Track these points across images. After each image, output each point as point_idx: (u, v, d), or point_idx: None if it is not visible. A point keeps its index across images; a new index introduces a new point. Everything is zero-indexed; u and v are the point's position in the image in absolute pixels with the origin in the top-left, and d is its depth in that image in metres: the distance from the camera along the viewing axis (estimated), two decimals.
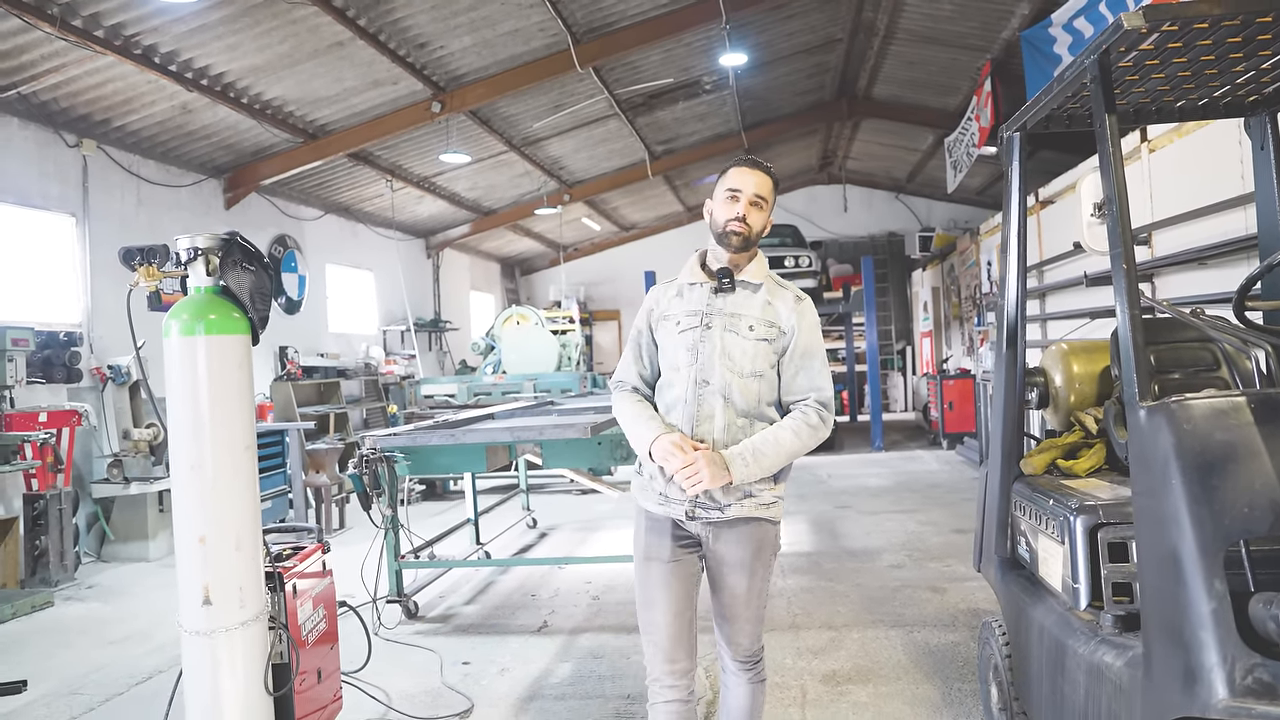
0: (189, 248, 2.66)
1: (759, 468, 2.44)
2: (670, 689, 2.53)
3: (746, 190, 2.55)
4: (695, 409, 2.50)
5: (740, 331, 2.53)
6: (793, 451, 2.49)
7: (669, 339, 2.60)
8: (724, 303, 2.57)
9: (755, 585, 2.58)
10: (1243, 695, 1.58)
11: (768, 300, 2.58)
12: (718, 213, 2.59)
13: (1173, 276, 6.36)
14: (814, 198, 19.36)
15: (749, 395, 2.51)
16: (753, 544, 2.55)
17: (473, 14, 8.12)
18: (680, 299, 2.63)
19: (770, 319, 2.55)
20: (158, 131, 8.51)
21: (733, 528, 2.53)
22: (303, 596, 3.11)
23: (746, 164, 2.60)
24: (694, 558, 2.60)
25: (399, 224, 13.96)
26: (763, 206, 2.58)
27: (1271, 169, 2.79)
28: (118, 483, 7.10)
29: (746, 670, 2.63)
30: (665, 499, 2.54)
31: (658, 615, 2.55)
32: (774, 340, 2.55)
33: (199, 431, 2.58)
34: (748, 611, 2.59)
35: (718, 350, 2.51)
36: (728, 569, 2.56)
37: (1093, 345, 3.32)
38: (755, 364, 2.52)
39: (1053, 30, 8.13)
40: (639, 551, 2.63)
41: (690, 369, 2.52)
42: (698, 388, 2.51)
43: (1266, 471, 1.71)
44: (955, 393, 11.98)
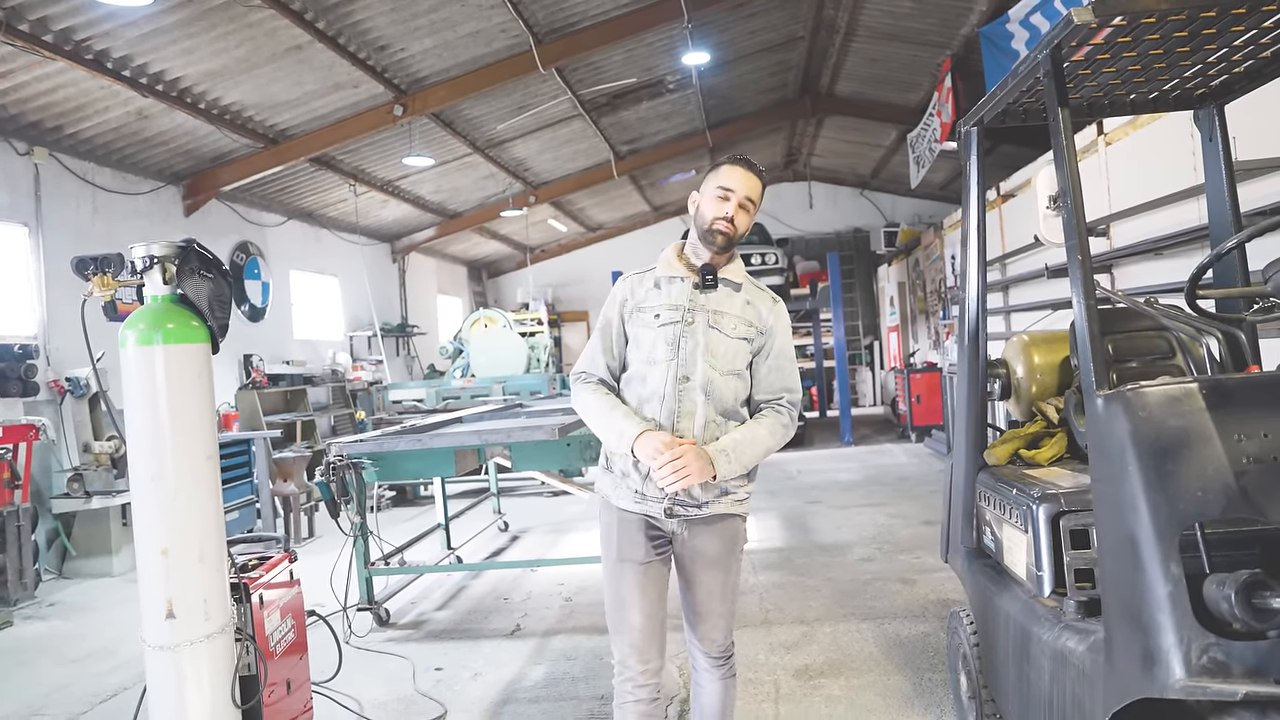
0: (144, 256, 2.62)
1: (739, 464, 2.45)
2: (641, 688, 2.53)
3: (738, 191, 2.53)
4: (675, 404, 2.48)
5: (724, 329, 2.53)
6: (768, 449, 2.52)
7: (645, 331, 2.56)
8: (707, 299, 2.56)
9: (730, 581, 2.61)
10: (1198, 674, 1.61)
11: (748, 300, 2.59)
12: (706, 208, 2.56)
13: (1131, 267, 6.47)
14: (779, 195, 19.45)
15: (727, 393, 2.52)
16: (726, 540, 2.57)
17: (433, 15, 8.07)
18: (658, 291, 2.60)
19: (750, 319, 2.57)
20: (113, 138, 8.35)
21: (708, 525, 2.55)
22: (270, 607, 3.06)
23: (741, 164, 2.58)
24: (668, 556, 2.60)
25: (363, 228, 13.83)
26: (750, 210, 2.57)
27: (1220, 160, 2.85)
28: (78, 497, 6.96)
29: (719, 667, 2.64)
30: (642, 497, 2.52)
31: (633, 616, 2.53)
32: (752, 340, 2.57)
33: (159, 442, 2.53)
34: (722, 607, 2.61)
35: (700, 346, 2.50)
36: (702, 566, 2.57)
37: (1053, 336, 3.36)
38: (734, 362, 2.54)
39: (1010, 26, 8.24)
40: (610, 551, 2.59)
41: (670, 363, 2.50)
42: (678, 383, 2.49)
43: (1218, 456, 1.75)
44: (922, 386, 12.10)
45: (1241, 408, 1.82)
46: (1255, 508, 1.70)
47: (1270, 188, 4.56)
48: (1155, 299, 2.53)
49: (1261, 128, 4.47)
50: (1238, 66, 2.56)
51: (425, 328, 16.19)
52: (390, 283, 15.47)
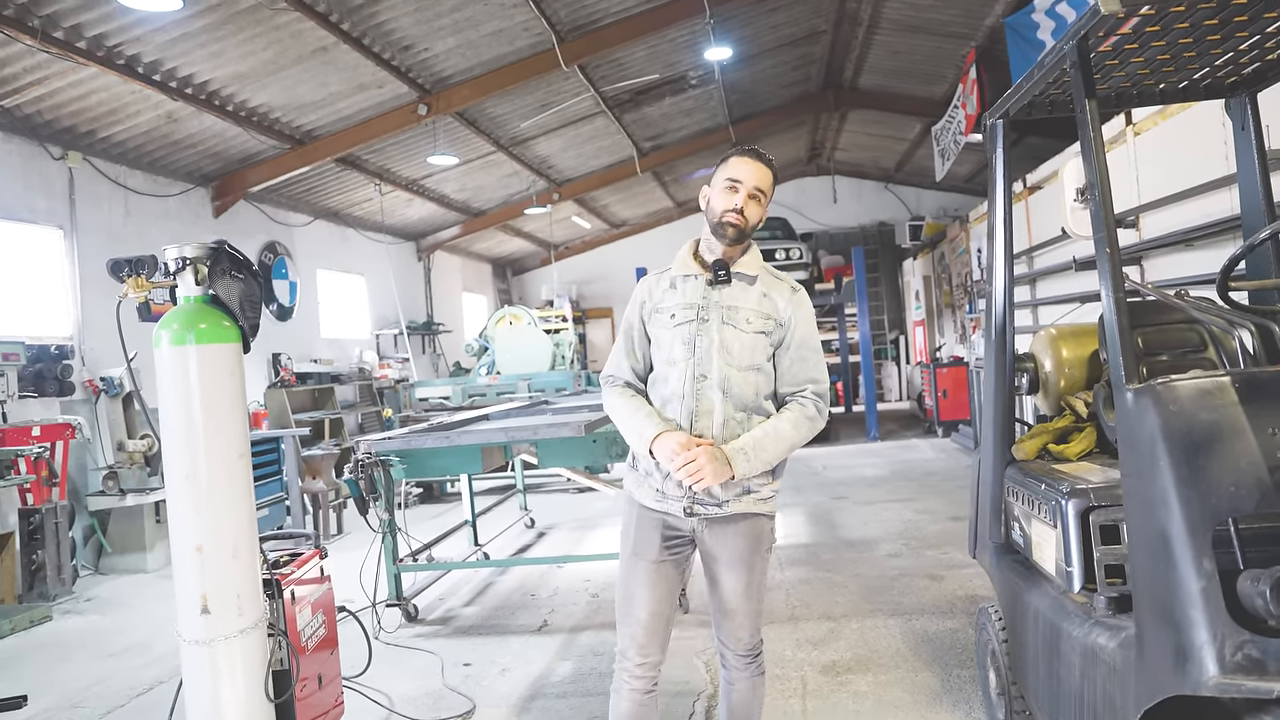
0: (177, 258, 2.66)
1: (760, 462, 2.43)
2: (637, 679, 2.56)
3: (747, 182, 2.52)
4: (694, 403, 2.48)
5: (738, 324, 2.51)
6: (793, 444, 2.48)
7: (663, 332, 2.57)
8: (720, 295, 2.54)
9: (754, 580, 2.57)
10: (1233, 672, 1.59)
11: (764, 292, 2.56)
12: (715, 201, 2.55)
13: (1161, 258, 6.39)
14: (803, 189, 19.37)
15: (746, 389, 2.50)
16: (750, 539, 2.54)
17: (456, 15, 8.11)
18: (674, 291, 2.60)
19: (767, 311, 2.53)
20: (144, 141, 8.48)
21: (730, 523, 2.53)
22: (301, 603, 3.11)
23: (749, 154, 2.57)
24: (683, 556, 2.60)
25: (389, 227, 13.94)
26: (761, 200, 2.55)
27: (1253, 149, 2.81)
28: (113, 495, 7.09)
29: (748, 665, 2.63)
30: (662, 495, 2.53)
31: (637, 610, 2.56)
32: (771, 333, 2.53)
33: (192, 441, 2.58)
34: (747, 606, 2.58)
35: (715, 344, 2.49)
36: (725, 565, 2.55)
37: (1081, 330, 3.33)
38: (753, 357, 2.51)
39: (1035, 16, 8.15)
40: (627, 545, 2.62)
41: (687, 363, 2.50)
42: (695, 382, 2.49)
43: (1252, 450, 1.72)
44: (949, 380, 12.01)
45: (1275, 401, 1.79)
46: None
47: None
48: (1186, 291, 2.50)
49: None
50: (1271, 54, 2.52)
51: (450, 325, 16.29)
52: (416, 281, 15.58)
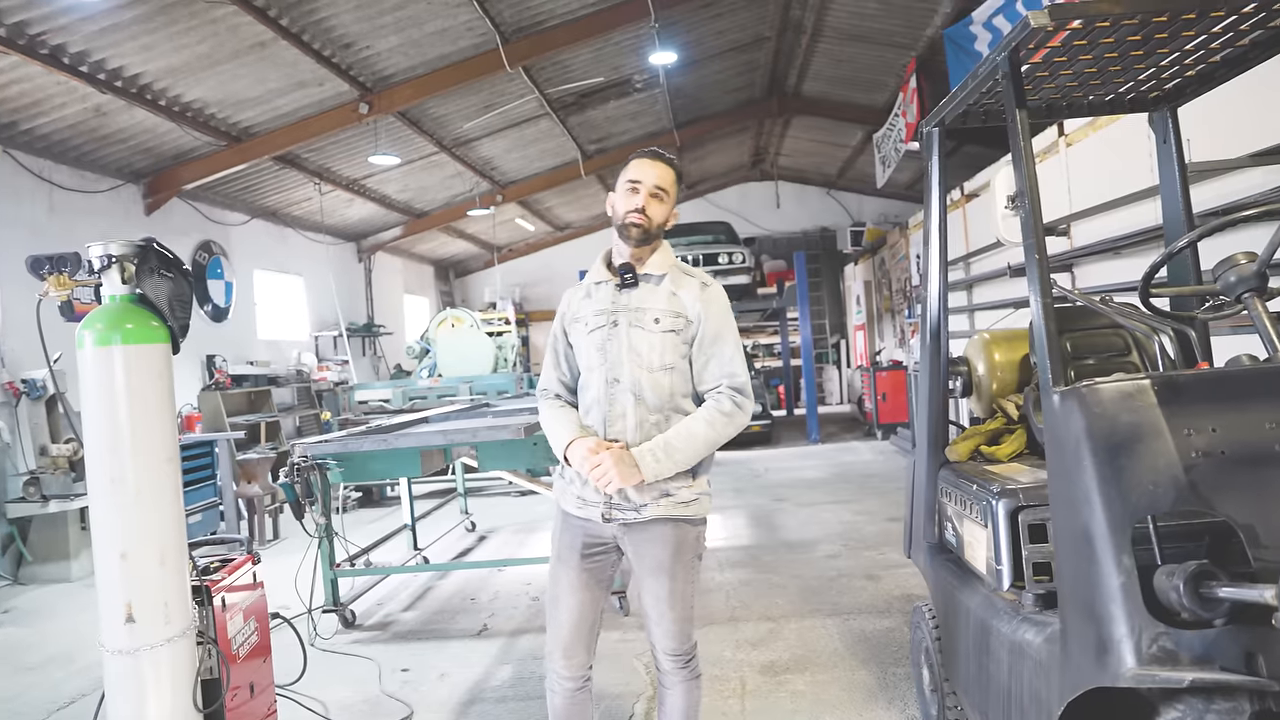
0: (102, 255, 2.57)
1: (671, 463, 2.43)
2: (565, 680, 2.63)
3: (647, 181, 2.53)
4: (608, 408, 2.51)
5: (645, 326, 2.52)
6: (709, 442, 2.47)
7: (580, 340, 2.61)
8: (628, 298, 2.56)
9: (677, 588, 2.55)
10: (1149, 663, 1.65)
11: (672, 291, 2.56)
12: (618, 204, 2.57)
13: (1091, 265, 6.59)
14: (747, 194, 19.57)
15: (660, 390, 2.51)
16: (670, 546, 2.53)
17: (398, 13, 8.01)
18: (589, 299, 2.63)
19: (676, 309, 2.54)
20: (70, 135, 8.19)
21: (649, 530, 2.52)
22: (233, 610, 3.03)
23: (648, 155, 2.59)
24: (606, 562, 2.63)
25: (329, 227, 13.69)
26: (664, 198, 2.56)
27: (1174, 162, 2.91)
28: (35, 501, 6.82)
29: (680, 669, 2.62)
30: (583, 501, 2.56)
31: (561, 615, 2.61)
32: (681, 330, 2.53)
33: (118, 444, 2.49)
34: (672, 613, 2.56)
35: (625, 347, 2.51)
36: (647, 572, 2.55)
37: (1013, 334, 3.42)
38: (664, 357, 2.51)
39: (973, 28, 8.36)
40: (553, 551, 2.67)
41: (601, 368, 2.53)
42: (609, 386, 2.51)
43: (1169, 450, 1.79)
44: (888, 384, 12.23)
45: (1191, 403, 1.86)
46: (1204, 500, 1.75)
47: (1222, 188, 4.67)
48: (1110, 297, 2.58)
49: (1213, 130, 4.58)
50: (1189, 70, 2.62)
51: (392, 327, 16.06)
52: (356, 282, 15.34)
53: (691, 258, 13.04)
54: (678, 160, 2.67)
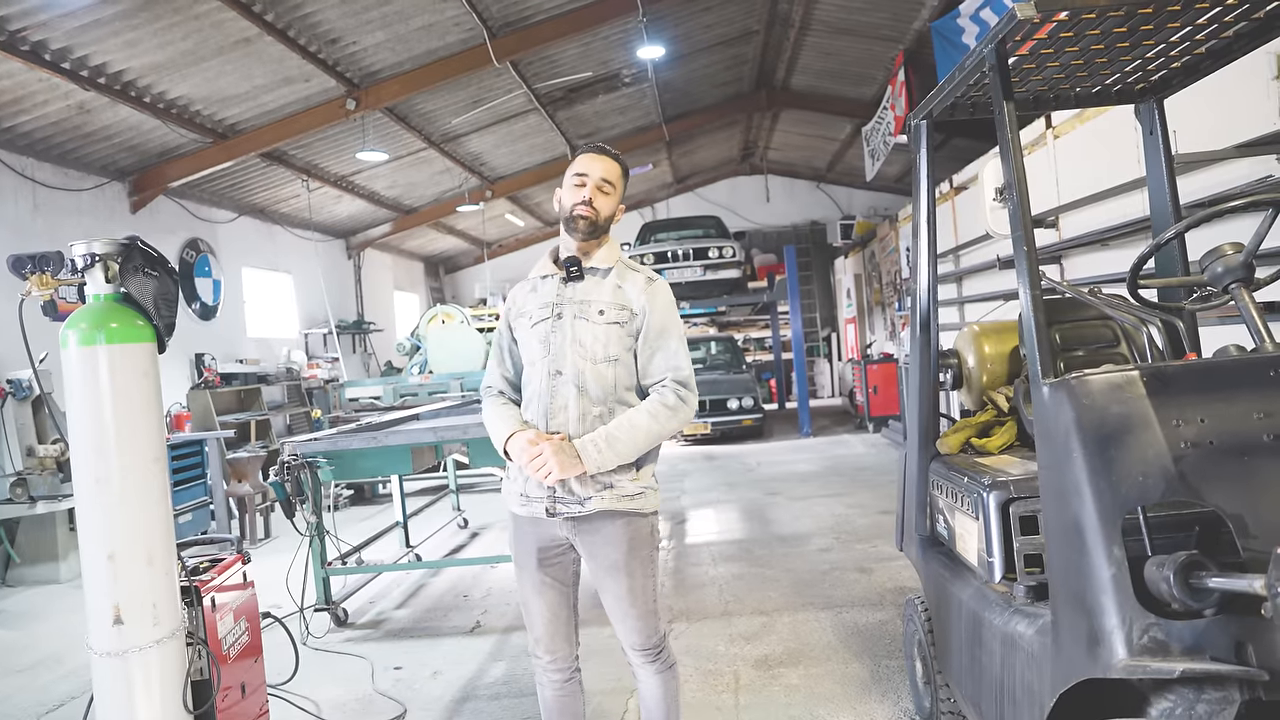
0: (85, 254, 2.54)
1: (614, 453, 2.41)
2: (554, 672, 2.66)
3: (593, 175, 2.53)
4: (549, 401, 2.50)
5: (590, 317, 2.52)
6: (652, 434, 2.46)
7: (524, 334, 2.61)
8: (574, 291, 2.56)
9: (636, 584, 2.53)
10: (1139, 654, 1.65)
11: (617, 284, 2.57)
12: (565, 198, 2.57)
13: (1079, 257, 6.61)
14: (736, 188, 19.57)
15: (604, 382, 2.50)
16: (624, 543, 2.50)
17: (385, 9, 7.97)
18: (534, 294, 2.64)
19: (621, 302, 2.54)
20: (53, 133, 8.11)
21: (598, 527, 2.50)
22: (223, 610, 3.01)
23: (593, 149, 2.60)
24: (565, 562, 2.62)
25: (317, 224, 13.62)
26: (610, 192, 2.56)
27: (1160, 153, 2.92)
28: (22, 502, 6.77)
29: (649, 661, 2.60)
30: (526, 498, 2.54)
31: (534, 617, 2.63)
32: (626, 323, 2.53)
33: (104, 445, 2.47)
34: (634, 610, 2.54)
35: (568, 339, 2.51)
36: (603, 572, 2.53)
37: (1003, 326, 3.42)
38: (609, 349, 2.51)
39: (960, 21, 8.37)
40: (512, 556, 2.68)
41: (544, 361, 2.53)
42: (551, 379, 2.50)
43: (1159, 441, 1.79)
44: (879, 377, 12.26)
45: (1180, 394, 1.87)
46: (1193, 491, 1.75)
47: (1208, 179, 4.68)
48: (1099, 289, 2.58)
49: (1200, 121, 4.59)
50: (1175, 62, 2.62)
51: (382, 324, 16.00)
52: (345, 279, 15.27)
53: (682, 252, 13.05)
54: (623, 156, 2.67)
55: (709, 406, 12.17)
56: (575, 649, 2.69)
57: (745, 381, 12.92)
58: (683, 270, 12.97)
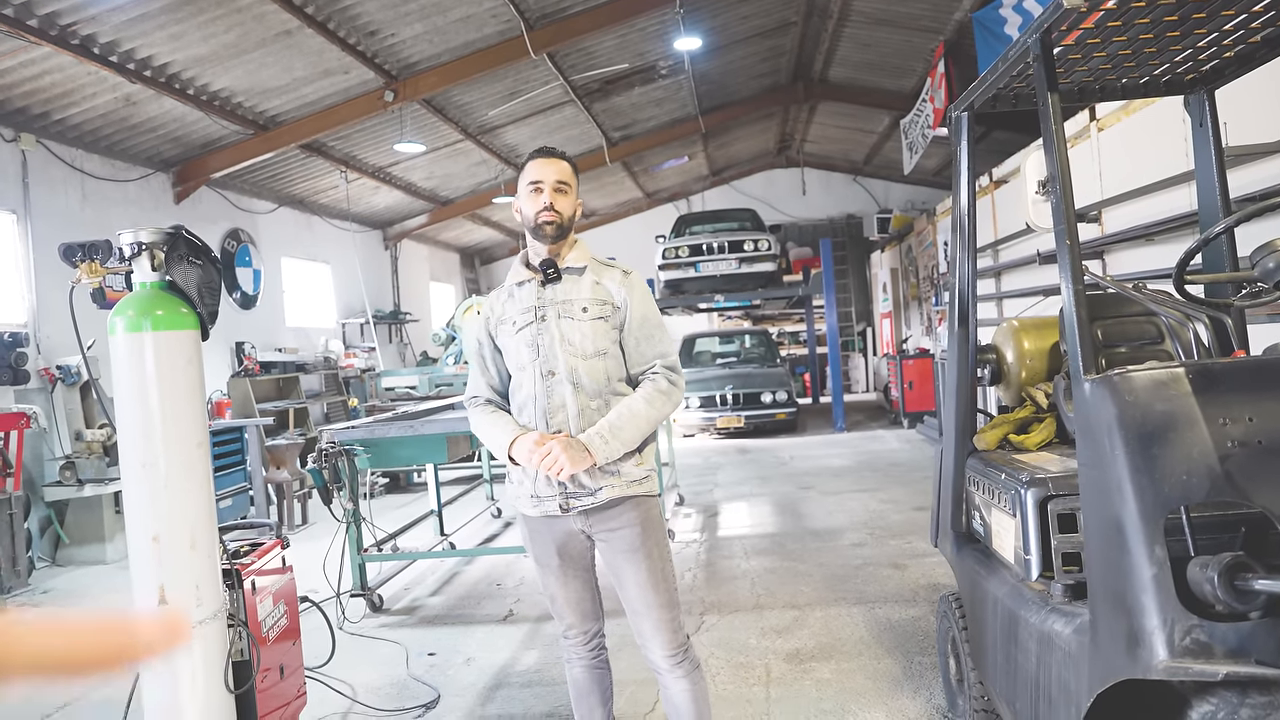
0: (133, 243, 2.61)
1: (620, 443, 2.47)
2: (584, 647, 2.74)
3: (548, 179, 2.57)
4: (546, 401, 2.54)
5: (574, 315, 2.56)
6: (650, 419, 2.53)
7: (509, 340, 2.63)
8: (553, 292, 2.60)
9: (655, 567, 2.55)
10: (1181, 655, 1.63)
11: (595, 280, 2.62)
12: (525, 208, 2.60)
13: (1122, 252, 6.49)
14: (772, 181, 19.45)
15: (596, 376, 2.54)
16: (639, 525, 2.55)
17: (424, 1, 8.02)
18: (512, 300, 2.67)
19: (602, 297, 2.59)
20: (101, 124, 8.29)
21: (611, 514, 2.54)
22: (262, 593, 3.07)
23: (541, 155, 2.63)
24: (582, 550, 2.65)
25: (355, 215, 13.77)
26: (567, 191, 2.61)
27: (1210, 146, 2.85)
28: (71, 485, 6.95)
29: (678, 664, 2.57)
30: (538, 499, 2.57)
31: (561, 606, 2.71)
32: (609, 317, 2.58)
33: (149, 429, 2.53)
34: (659, 597, 2.54)
35: (557, 338, 2.55)
36: (623, 558, 2.55)
37: (1043, 322, 3.37)
38: (596, 343, 2.55)
39: (1003, 11, 8.24)
40: (530, 556, 2.73)
41: (534, 364, 2.56)
42: (545, 380, 2.54)
43: (1204, 440, 1.76)
44: (915, 372, 12.14)
45: (1227, 392, 1.83)
46: (1239, 491, 1.71)
47: (1260, 173, 4.57)
48: (1144, 284, 2.54)
49: (1252, 113, 4.48)
50: (1228, 51, 2.56)
51: (418, 315, 16.16)
52: (382, 270, 15.43)
53: (717, 245, 13.00)
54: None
55: (742, 400, 12.14)
56: (601, 624, 2.76)
57: (779, 375, 12.86)
58: (718, 263, 12.92)
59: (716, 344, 15.21)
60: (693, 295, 13.39)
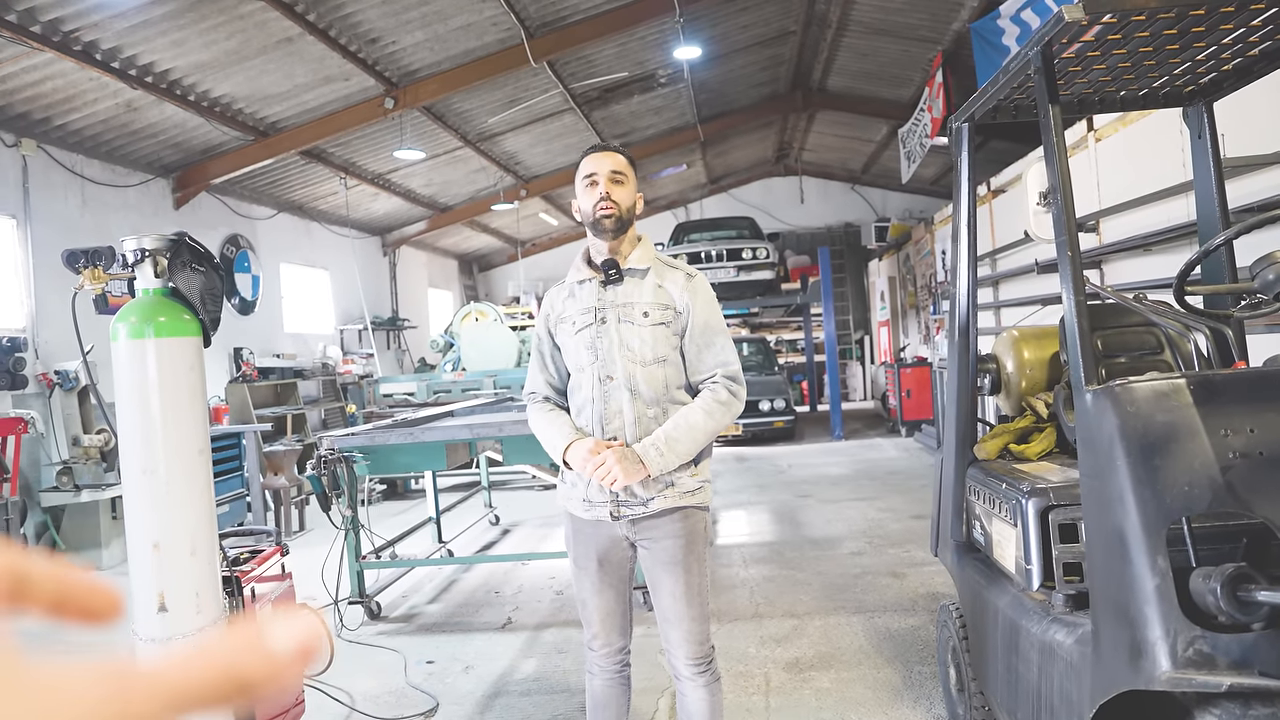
0: (136, 249, 2.61)
1: (674, 454, 2.42)
2: (608, 659, 2.69)
3: (603, 170, 2.51)
4: (603, 407, 2.50)
5: (635, 320, 2.51)
6: (708, 431, 2.47)
7: (568, 340, 2.59)
8: (614, 294, 2.55)
9: (693, 581, 2.53)
10: (1184, 666, 1.63)
11: (658, 283, 2.55)
12: (583, 203, 2.56)
13: (1120, 262, 6.51)
14: (770, 189, 19.50)
15: (655, 383, 2.50)
16: (683, 537, 2.51)
17: (424, 8, 8.04)
18: (573, 299, 2.62)
19: (664, 302, 2.52)
20: (101, 130, 8.30)
21: (659, 523, 2.51)
22: (261, 600, 3.07)
23: (594, 150, 2.59)
24: (623, 561, 2.63)
25: (354, 222, 13.79)
26: (624, 181, 2.54)
27: (1208, 157, 2.87)
28: (68, 490, 6.93)
29: (700, 673, 2.57)
30: (589, 503, 2.54)
31: (591, 613, 2.66)
32: (671, 323, 2.52)
33: (150, 436, 2.53)
34: (691, 610, 2.53)
35: (616, 343, 2.50)
36: (662, 568, 2.53)
37: (1043, 331, 3.39)
38: (656, 350, 2.50)
39: (1001, 22, 8.27)
40: (570, 557, 2.69)
41: (592, 367, 2.52)
42: (602, 385, 2.50)
43: (1205, 450, 1.76)
44: (913, 381, 12.15)
45: (1228, 403, 1.83)
46: (1241, 502, 1.72)
47: (1258, 184, 4.59)
48: (1144, 295, 2.55)
49: (1250, 124, 4.50)
50: (1226, 64, 2.58)
51: (416, 321, 16.16)
52: (381, 276, 15.44)
53: (715, 253, 13.03)
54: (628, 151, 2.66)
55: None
56: (628, 641, 2.72)
57: (777, 383, 12.87)
58: (716, 271, 12.95)
59: None
60: None
